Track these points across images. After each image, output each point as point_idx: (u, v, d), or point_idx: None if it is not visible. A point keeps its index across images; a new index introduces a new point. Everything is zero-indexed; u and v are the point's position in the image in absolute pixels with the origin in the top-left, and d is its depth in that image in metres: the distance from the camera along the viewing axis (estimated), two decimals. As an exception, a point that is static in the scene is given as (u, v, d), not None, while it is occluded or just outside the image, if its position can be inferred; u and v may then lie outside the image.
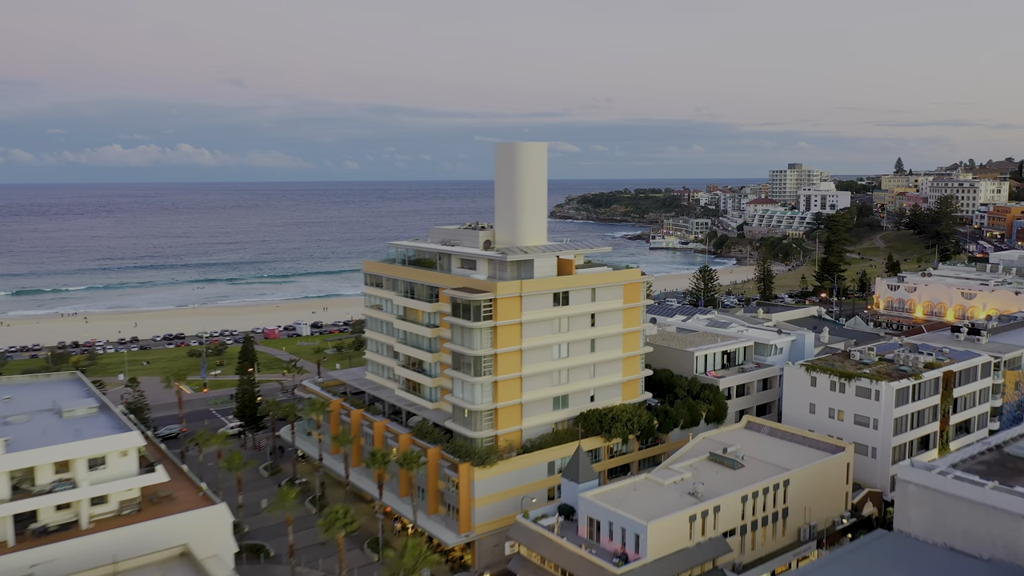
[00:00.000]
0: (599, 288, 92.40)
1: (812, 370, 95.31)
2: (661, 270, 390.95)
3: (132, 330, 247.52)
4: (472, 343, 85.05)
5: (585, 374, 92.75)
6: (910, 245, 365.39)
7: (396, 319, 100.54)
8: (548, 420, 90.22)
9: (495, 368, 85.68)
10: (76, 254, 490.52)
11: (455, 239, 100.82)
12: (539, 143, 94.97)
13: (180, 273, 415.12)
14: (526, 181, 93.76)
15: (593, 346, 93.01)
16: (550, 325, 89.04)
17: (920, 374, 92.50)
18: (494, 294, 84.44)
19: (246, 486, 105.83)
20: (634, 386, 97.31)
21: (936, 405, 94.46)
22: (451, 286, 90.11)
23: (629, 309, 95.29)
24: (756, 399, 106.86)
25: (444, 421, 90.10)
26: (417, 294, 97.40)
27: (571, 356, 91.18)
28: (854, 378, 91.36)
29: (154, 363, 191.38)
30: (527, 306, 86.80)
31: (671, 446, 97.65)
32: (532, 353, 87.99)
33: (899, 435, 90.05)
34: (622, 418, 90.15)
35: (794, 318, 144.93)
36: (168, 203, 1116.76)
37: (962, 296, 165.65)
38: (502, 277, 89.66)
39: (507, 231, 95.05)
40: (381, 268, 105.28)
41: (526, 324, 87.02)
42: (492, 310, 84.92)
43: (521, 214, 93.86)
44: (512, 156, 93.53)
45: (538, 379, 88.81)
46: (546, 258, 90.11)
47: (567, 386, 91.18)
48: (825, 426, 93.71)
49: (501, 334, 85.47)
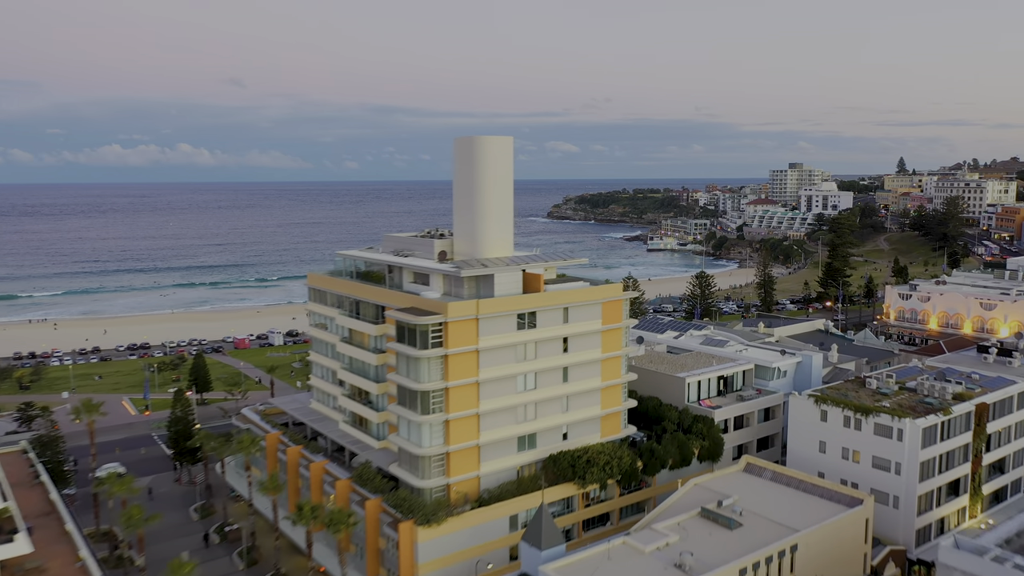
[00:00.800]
0: (573, 307, 78.65)
1: (822, 402, 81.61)
2: (658, 273, 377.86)
3: (101, 338, 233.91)
4: (418, 375, 71.33)
5: (556, 408, 79.02)
6: (915, 247, 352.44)
7: (340, 341, 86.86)
8: (511, 464, 76.46)
9: (446, 404, 71.94)
10: (59, 256, 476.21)
11: (409, 248, 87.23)
12: (503, 137, 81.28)
13: (163, 276, 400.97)
14: (488, 182, 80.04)
15: (566, 375, 79.28)
16: (513, 352, 75.27)
17: (949, 408, 78.77)
18: (444, 316, 70.71)
19: (173, 531, 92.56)
20: (615, 420, 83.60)
21: (968, 444, 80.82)
22: (398, 305, 76.50)
23: (609, 331, 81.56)
24: (756, 432, 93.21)
25: (390, 465, 76.39)
26: (363, 313, 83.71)
27: (539, 388, 77.39)
28: (872, 413, 77.60)
29: (107, 377, 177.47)
30: (485, 330, 73.06)
31: (658, 490, 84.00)
32: (492, 385, 74.22)
33: (926, 481, 76.34)
34: (599, 461, 76.43)
35: (799, 332, 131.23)
36: (163, 203, 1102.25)
37: (980, 307, 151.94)
38: (458, 295, 76.02)
39: (467, 240, 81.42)
40: (325, 282, 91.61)
41: (484, 351, 73.28)
42: (442, 335, 71.21)
43: (482, 221, 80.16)
44: (472, 153, 79.87)
45: (499, 416, 75.05)
46: (509, 272, 76.29)
47: (534, 423, 77.43)
48: (837, 468, 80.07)
49: (453, 364, 71.73)
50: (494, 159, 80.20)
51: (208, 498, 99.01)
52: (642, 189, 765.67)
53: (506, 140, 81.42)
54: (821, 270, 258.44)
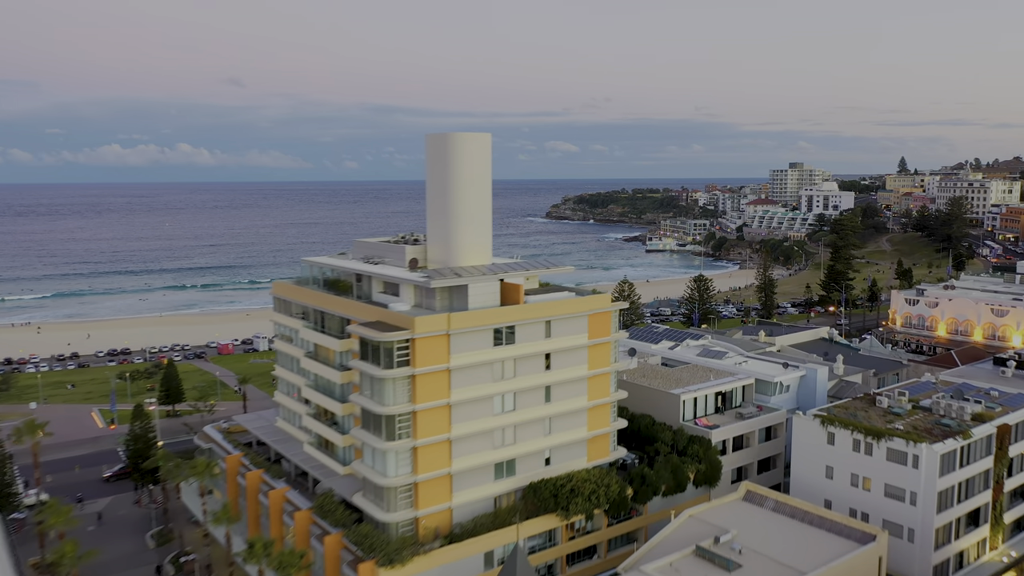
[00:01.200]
0: (556, 320, 71.66)
1: (830, 423, 74.63)
2: (656, 274, 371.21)
3: (84, 343, 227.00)
4: (383, 397, 64.36)
5: (538, 431, 72.03)
6: (919, 248, 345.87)
7: (304, 356, 79.91)
8: (488, 493, 69.45)
9: (414, 429, 64.97)
10: (50, 258, 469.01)
11: (380, 255, 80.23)
12: (479, 134, 74.24)
13: (155, 278, 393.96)
14: (463, 183, 73.05)
15: (548, 395, 72.31)
16: (489, 370, 68.29)
17: (968, 431, 71.82)
18: (411, 332, 63.77)
19: (126, 561, 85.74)
20: (602, 443, 76.62)
21: (989, 469, 73.88)
22: (363, 318, 69.56)
23: (596, 345, 74.57)
24: (757, 452, 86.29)
25: (353, 495, 69.43)
26: (328, 326, 76.68)
27: (518, 409, 70.39)
28: (885, 437, 70.66)
29: (81, 386, 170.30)
30: (457, 346, 66.11)
31: (649, 519, 77.00)
32: (465, 408, 67.27)
33: (944, 512, 69.41)
34: (584, 490, 69.47)
35: (801, 341, 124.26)
36: (159, 204, 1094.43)
37: (992, 313, 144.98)
38: (429, 307, 69.08)
39: (440, 247, 74.43)
40: (290, 291, 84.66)
41: (456, 371, 66.32)
42: (409, 353, 64.27)
43: (457, 225, 73.17)
44: (445, 151, 72.89)
45: (473, 441, 68.08)
46: (484, 282, 69.28)
47: (513, 448, 70.45)
48: (846, 496, 73.13)
49: (422, 384, 64.76)
50: (469, 158, 73.24)
51: (167, 523, 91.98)
52: (641, 189, 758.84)
53: (483, 137, 74.46)
54: (823, 272, 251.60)
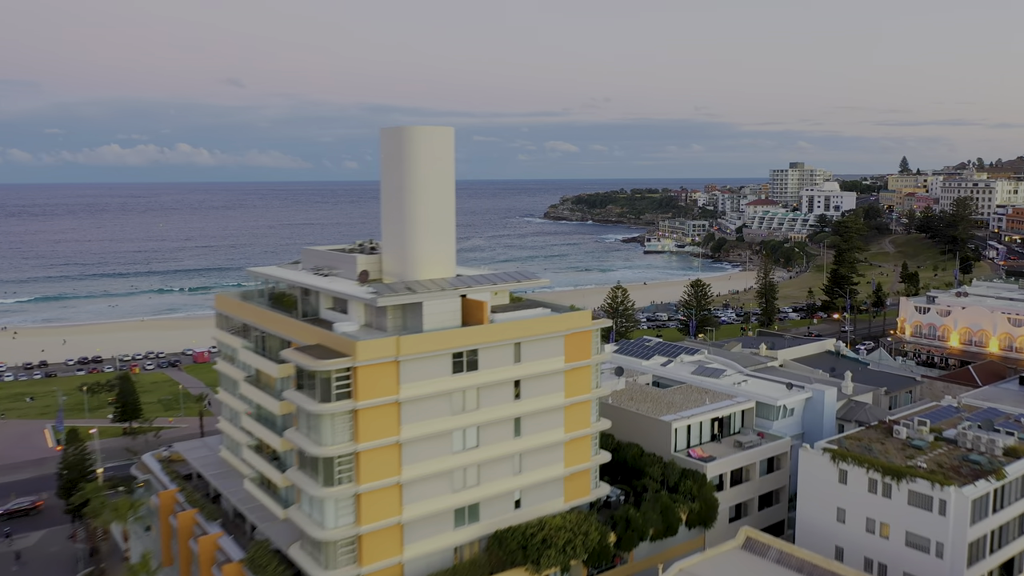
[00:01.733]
0: (527, 342, 62.24)
1: (841, 459, 65.24)
2: (654, 276, 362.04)
3: (59, 349, 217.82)
4: (319, 435, 54.94)
5: (506, 470, 62.61)
6: (922, 250, 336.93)
7: (244, 381, 70.49)
8: (446, 544, 60.01)
9: (357, 473, 55.57)
10: (37, 259, 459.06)
11: (331, 266, 70.73)
12: (441, 127, 64.87)
13: (142, 281, 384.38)
14: (423, 183, 63.60)
15: (518, 428, 62.90)
16: (448, 402, 58.91)
17: (1002, 470, 62.42)
18: (353, 359, 54.37)
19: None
20: (582, 480, 67.20)
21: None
22: (303, 340, 60.18)
23: (575, 370, 65.18)
24: (758, 487, 76.82)
25: (289, 546, 60.01)
26: (268, 347, 67.32)
27: (482, 446, 61.00)
28: (906, 477, 61.28)
29: (43, 398, 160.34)
30: (409, 375, 56.70)
31: (635, 567, 67.54)
32: (418, 446, 57.85)
33: (975, 565, 60.06)
34: (557, 540, 60.00)
35: (806, 355, 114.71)
36: (155, 204, 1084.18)
37: (1009, 322, 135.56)
38: (380, 327, 59.74)
39: (396, 257, 64.97)
40: (232, 305, 75.24)
41: (408, 403, 56.90)
42: (351, 383, 54.86)
43: (415, 233, 63.67)
44: (401, 148, 63.46)
45: (428, 484, 58.67)
46: (442, 299, 59.87)
47: (476, 491, 61.04)
48: (860, 544, 63.76)
49: (366, 420, 55.33)
50: (430, 154, 63.78)
51: (99, 563, 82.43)
52: (640, 189, 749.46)
53: (444, 131, 65.06)
54: (826, 276, 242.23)
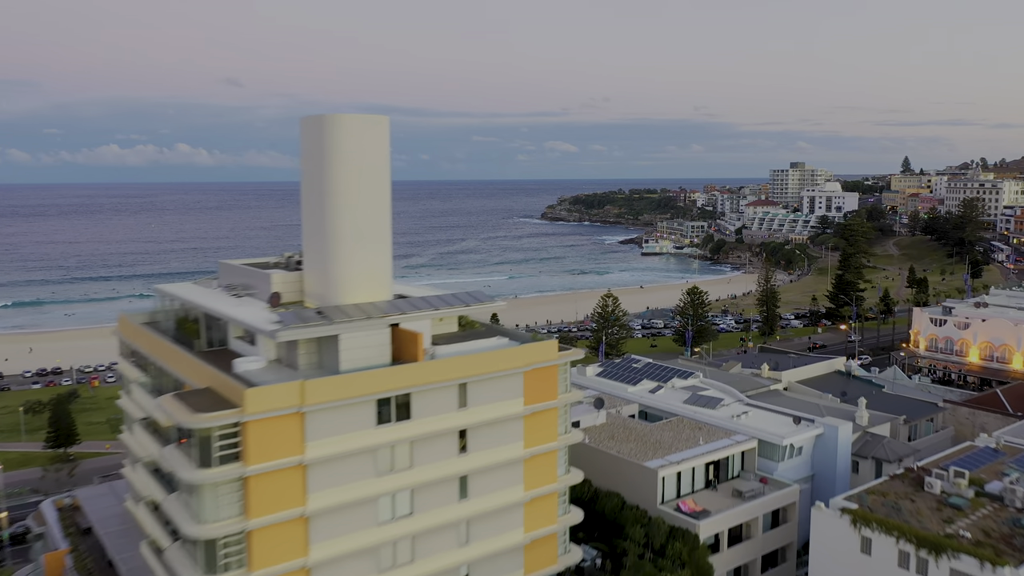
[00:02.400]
0: (476, 383, 50.04)
1: (864, 524, 53.11)
2: (652, 279, 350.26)
3: (19, 360, 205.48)
4: (200, 510, 42.78)
5: (449, 541, 50.43)
6: (928, 252, 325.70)
7: (139, 422, 58.33)
8: (371, 639, 47.96)
9: (249, 557, 43.40)
10: (22, 262, 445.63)
11: (247, 284, 58.56)
12: (374, 116, 52.56)
13: (125, 285, 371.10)
14: (350, 183, 51.30)
15: (464, 488, 50.72)
16: (371, 460, 46.69)
17: (1065, 540, 50.37)
18: (242, 411, 42.20)
19: None
20: (547, 547, 55.01)
21: (1090, 592, 52.40)
22: (194, 380, 47.99)
23: (537, 414, 53.04)
24: (761, 545, 64.70)
25: (173, 641, 47.89)
26: (164, 386, 55.14)
27: (417, 513, 48.82)
28: (947, 551, 49.19)
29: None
30: (319, 429, 44.49)
31: (613, 654, 55.60)
32: (332, 518, 45.64)
33: (1034, 665, 48.01)
34: (511, 634, 48.01)
35: (813, 376, 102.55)
36: (151, 204, 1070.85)
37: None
38: (291, 364, 47.60)
39: (318, 274, 52.77)
40: (131, 331, 63.05)
41: (317, 465, 44.70)
42: (240, 442, 42.69)
43: (337, 244, 51.39)
44: (323, 141, 51.10)
45: (347, 565, 46.39)
46: (365, 331, 47.57)
47: (410, 569, 48.80)
48: (889, 630, 51.70)
49: (259, 489, 43.14)
50: (358, 149, 51.45)
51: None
52: (638, 189, 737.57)
53: (378, 120, 52.68)
54: (830, 279, 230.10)
